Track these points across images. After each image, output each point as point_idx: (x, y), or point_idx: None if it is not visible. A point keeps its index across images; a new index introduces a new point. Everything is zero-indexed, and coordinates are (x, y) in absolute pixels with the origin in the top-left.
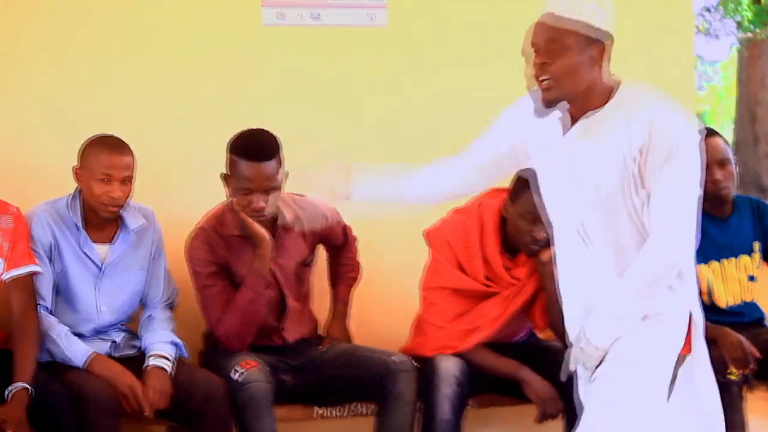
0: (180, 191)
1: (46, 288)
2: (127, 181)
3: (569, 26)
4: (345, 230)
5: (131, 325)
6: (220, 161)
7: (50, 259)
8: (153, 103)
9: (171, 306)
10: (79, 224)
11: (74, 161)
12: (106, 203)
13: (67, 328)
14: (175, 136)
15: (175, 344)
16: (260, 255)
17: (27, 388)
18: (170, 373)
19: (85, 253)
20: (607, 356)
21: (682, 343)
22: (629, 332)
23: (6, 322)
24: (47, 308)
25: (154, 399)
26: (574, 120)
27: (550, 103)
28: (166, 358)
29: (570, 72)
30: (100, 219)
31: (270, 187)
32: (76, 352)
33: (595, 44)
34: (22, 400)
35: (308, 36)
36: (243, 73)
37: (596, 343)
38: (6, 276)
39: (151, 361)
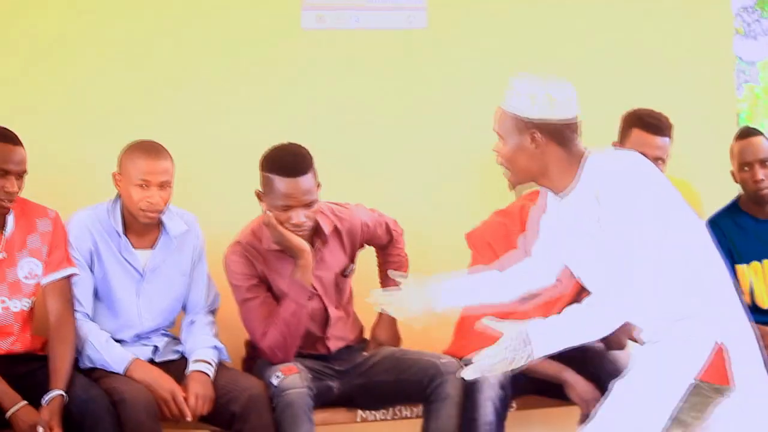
0: (219, 197)
1: (84, 294)
2: (166, 186)
3: (507, 115)
4: (388, 228)
5: (173, 329)
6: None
7: (90, 266)
8: (191, 109)
9: (213, 311)
10: (120, 230)
11: (114, 166)
12: (145, 209)
13: (108, 335)
14: (213, 141)
15: (217, 348)
16: (302, 266)
17: (62, 395)
18: (212, 377)
19: (126, 260)
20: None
21: (696, 371)
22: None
23: (44, 328)
24: (86, 314)
25: (196, 405)
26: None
27: (511, 186)
28: (208, 363)
29: (514, 156)
30: (141, 225)
31: (309, 201)
32: (116, 357)
33: (528, 129)
34: (57, 406)
35: (347, 39)
36: (282, 77)
37: (537, 351)
38: (44, 280)
39: (193, 366)
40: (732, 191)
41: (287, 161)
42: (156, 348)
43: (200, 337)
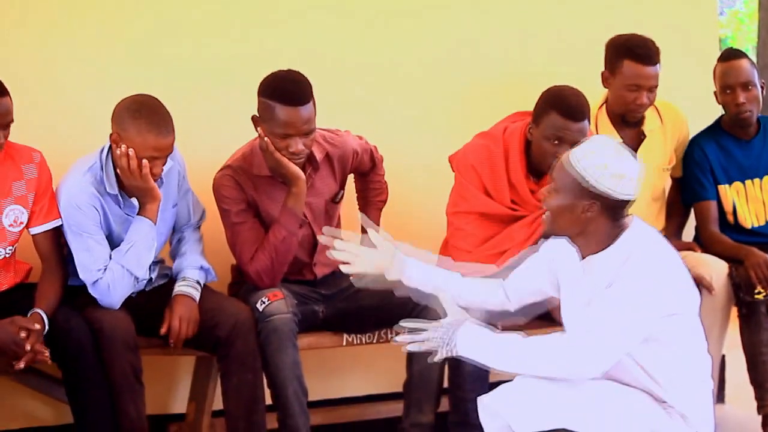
0: (203, 121)
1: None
2: (168, 156)
3: (572, 172)
4: (372, 154)
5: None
6: (244, 95)
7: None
8: (174, 37)
9: (200, 226)
10: (116, 189)
11: (94, 93)
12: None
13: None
14: (195, 62)
15: (204, 269)
16: (295, 194)
17: (42, 317)
18: (197, 299)
19: (126, 214)
20: None
21: None
22: None
23: (29, 257)
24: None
25: (180, 327)
26: (582, 256)
27: (546, 235)
28: (194, 285)
29: (561, 212)
30: None
31: (308, 130)
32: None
33: (588, 197)
34: (39, 319)
35: None
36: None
37: (458, 347)
38: (33, 231)
39: (179, 288)
40: (716, 112)
41: (290, 89)
42: (150, 280)
43: (187, 256)
